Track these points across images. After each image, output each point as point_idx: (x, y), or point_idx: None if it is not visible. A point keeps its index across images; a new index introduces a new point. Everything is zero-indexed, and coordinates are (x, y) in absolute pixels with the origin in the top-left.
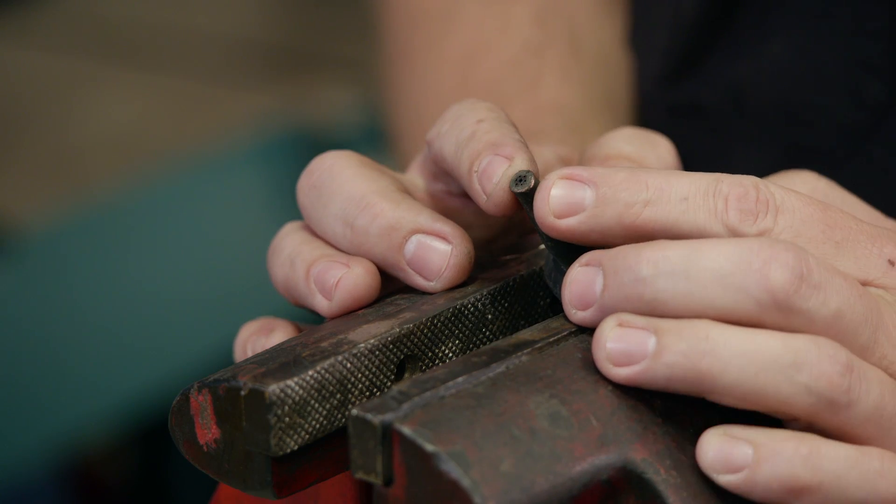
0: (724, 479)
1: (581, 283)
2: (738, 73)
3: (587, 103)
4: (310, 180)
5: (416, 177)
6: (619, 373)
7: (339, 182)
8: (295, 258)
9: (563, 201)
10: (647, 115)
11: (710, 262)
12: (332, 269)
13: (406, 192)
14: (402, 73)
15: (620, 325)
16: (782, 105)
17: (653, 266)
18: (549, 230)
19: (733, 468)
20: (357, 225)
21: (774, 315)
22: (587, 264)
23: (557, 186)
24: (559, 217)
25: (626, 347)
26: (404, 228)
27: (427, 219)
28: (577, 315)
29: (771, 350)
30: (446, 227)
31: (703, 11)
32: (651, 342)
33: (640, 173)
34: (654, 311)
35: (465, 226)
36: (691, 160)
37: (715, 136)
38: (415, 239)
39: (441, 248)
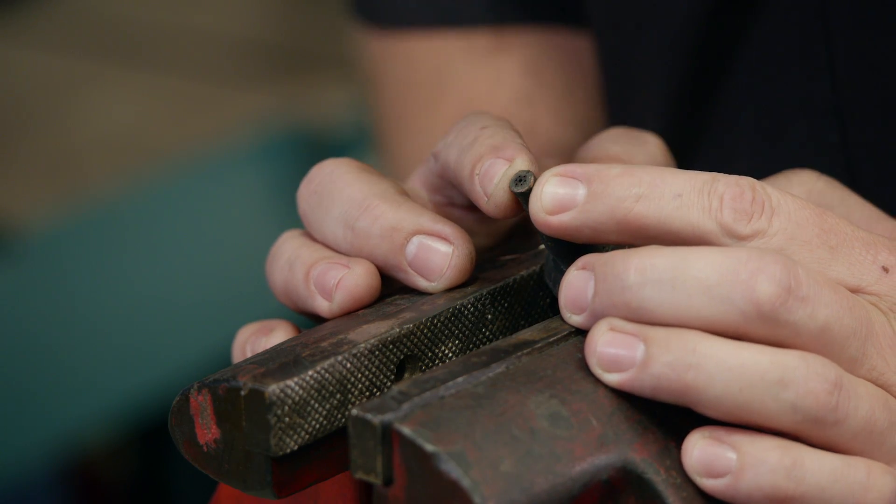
0: (707, 484)
1: (575, 287)
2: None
3: (584, 140)
4: (310, 187)
5: (416, 187)
6: (609, 378)
7: (340, 186)
8: (294, 261)
9: (555, 198)
10: None
11: (696, 272)
12: (331, 271)
13: (406, 194)
14: (397, 139)
15: (611, 329)
16: None
17: (639, 274)
18: (542, 227)
19: (716, 473)
20: (358, 227)
21: (760, 327)
22: (582, 268)
23: (550, 183)
24: (551, 213)
25: (615, 353)
26: (405, 230)
27: (428, 220)
28: (572, 318)
29: (757, 366)
30: (447, 228)
31: (671, 130)
32: (640, 350)
33: (634, 169)
34: (642, 318)
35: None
36: None
37: None
38: (416, 240)
39: (442, 249)
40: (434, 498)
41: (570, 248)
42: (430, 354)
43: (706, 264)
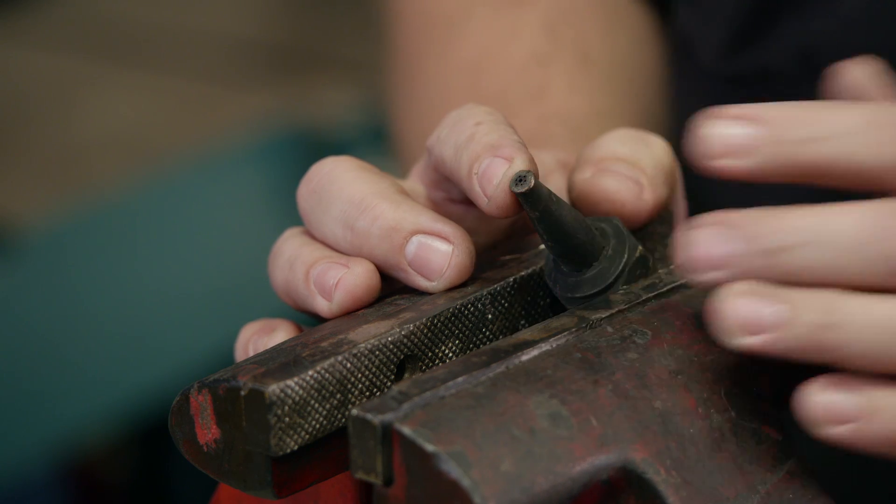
0: (831, 431)
1: (707, 244)
2: (810, 32)
3: (594, 112)
4: (309, 186)
5: (416, 184)
6: (747, 342)
7: (339, 185)
8: (294, 261)
9: (725, 140)
10: (707, 89)
11: (841, 231)
12: (331, 270)
13: (406, 193)
14: (409, 80)
15: (749, 291)
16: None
17: (783, 234)
18: (709, 170)
19: (842, 419)
20: (357, 227)
21: None
22: (715, 225)
23: (719, 125)
24: (719, 157)
25: (751, 316)
26: (405, 229)
27: (428, 219)
28: (705, 276)
29: None
30: (447, 227)
31: None
32: (778, 311)
33: (806, 108)
34: (785, 278)
35: (467, 232)
36: None
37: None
38: (416, 240)
39: (442, 248)
40: (434, 498)
41: (571, 249)
42: (430, 354)
43: (852, 222)
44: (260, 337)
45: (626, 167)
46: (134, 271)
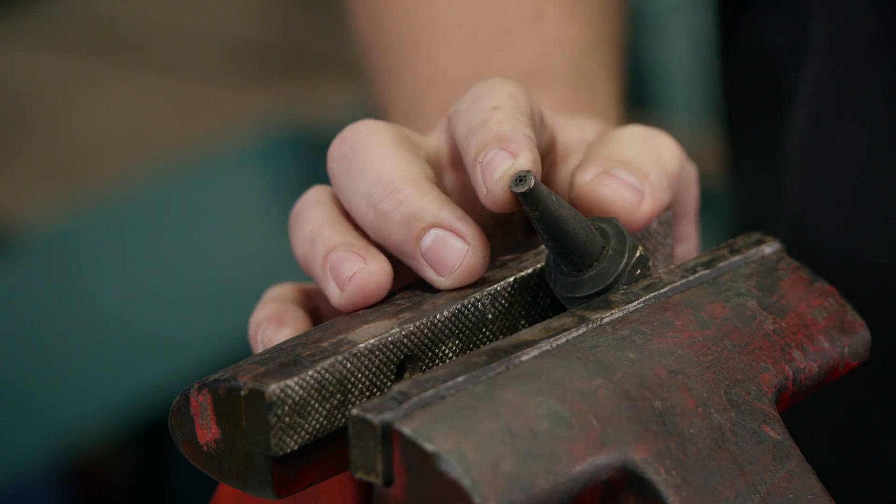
0: None
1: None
2: None
3: (588, 43)
4: (341, 148)
5: (441, 141)
6: None
7: (370, 158)
8: (316, 238)
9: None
10: (862, 78)
11: None
12: (348, 262)
13: (434, 181)
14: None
15: None
16: None
17: None
18: None
19: None
20: (380, 208)
21: None
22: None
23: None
24: None
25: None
26: (425, 220)
27: (449, 215)
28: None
29: None
30: (467, 227)
31: None
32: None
33: None
34: None
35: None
36: None
37: None
38: (433, 232)
39: (458, 245)
40: (434, 498)
41: (571, 249)
42: (430, 354)
43: None
44: (270, 324)
45: (629, 173)
46: (134, 271)
